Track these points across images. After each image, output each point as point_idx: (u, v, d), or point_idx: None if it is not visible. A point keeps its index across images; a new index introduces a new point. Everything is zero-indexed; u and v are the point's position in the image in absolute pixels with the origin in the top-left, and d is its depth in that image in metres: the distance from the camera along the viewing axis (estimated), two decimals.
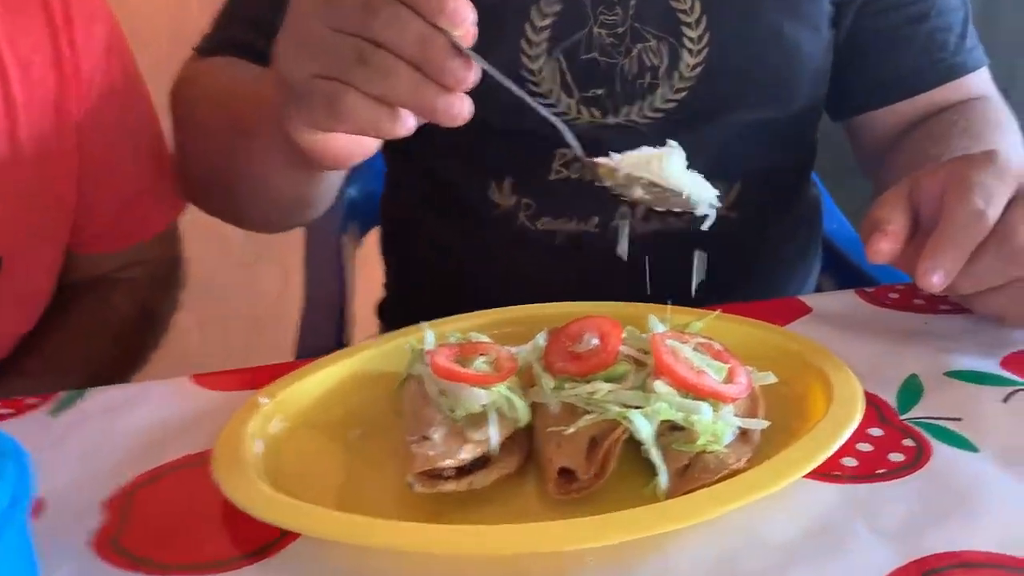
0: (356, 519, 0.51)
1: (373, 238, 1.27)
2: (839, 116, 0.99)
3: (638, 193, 0.63)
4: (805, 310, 0.77)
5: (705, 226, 0.64)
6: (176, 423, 0.66)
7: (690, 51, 0.86)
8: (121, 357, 0.95)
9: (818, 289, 1.10)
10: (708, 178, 0.87)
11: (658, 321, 0.64)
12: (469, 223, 0.96)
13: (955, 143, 0.86)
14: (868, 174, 1.00)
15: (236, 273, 1.95)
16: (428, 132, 0.92)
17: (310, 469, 0.59)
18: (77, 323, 0.92)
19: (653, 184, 0.62)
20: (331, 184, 0.82)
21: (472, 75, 0.56)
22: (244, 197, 0.86)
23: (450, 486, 0.54)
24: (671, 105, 0.87)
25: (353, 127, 0.58)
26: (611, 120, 0.87)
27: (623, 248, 0.69)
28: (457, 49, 0.56)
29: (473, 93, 0.66)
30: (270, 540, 0.53)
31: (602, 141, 0.84)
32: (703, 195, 0.62)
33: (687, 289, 0.93)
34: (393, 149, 1.03)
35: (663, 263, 0.91)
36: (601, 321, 0.63)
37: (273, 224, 0.95)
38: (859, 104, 0.96)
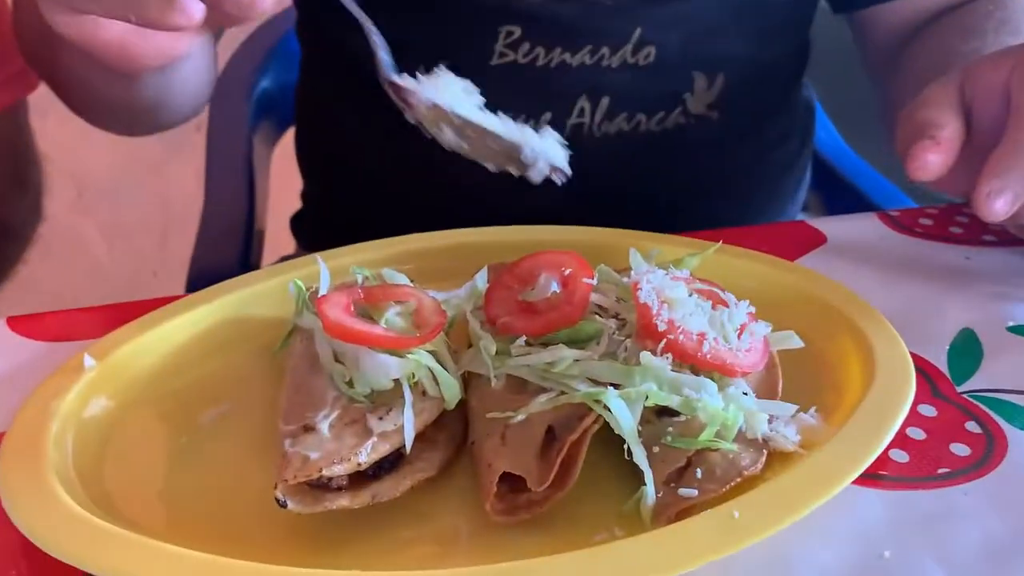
0: (200, 560, 0.34)
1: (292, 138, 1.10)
2: (844, 7, 0.83)
3: (448, 136, 0.49)
4: (818, 239, 0.61)
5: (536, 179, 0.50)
6: None
7: None
8: None
9: (805, 208, 0.95)
10: (686, 66, 0.75)
11: (641, 257, 0.46)
12: (392, 119, 0.78)
13: (992, 38, 0.72)
14: (875, 79, 0.84)
15: (144, 177, 1.76)
16: (345, 9, 0.78)
17: (144, 470, 0.42)
18: None
19: (469, 125, 0.45)
20: (165, 89, 0.70)
21: None
22: (77, 99, 0.76)
23: (342, 502, 0.37)
24: None
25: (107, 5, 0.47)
26: None
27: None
28: None
29: None
30: None
31: (558, 18, 0.71)
32: (547, 151, 0.45)
33: (651, 203, 0.79)
34: (306, 26, 0.87)
35: (627, 172, 0.79)
36: (563, 257, 0.46)
37: (127, 129, 0.85)
38: None
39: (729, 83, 0.76)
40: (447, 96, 0.48)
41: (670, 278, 0.43)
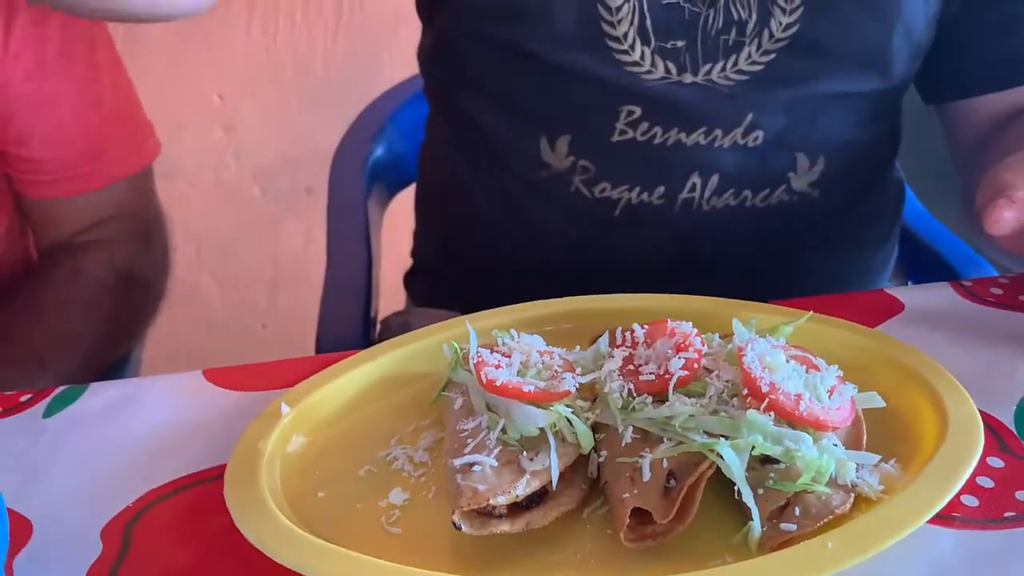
0: (395, 571, 0.43)
1: (402, 204, 1.19)
2: (937, 98, 0.87)
3: None
4: (897, 307, 0.68)
5: None
6: (187, 429, 0.58)
7: (783, 9, 0.76)
8: (106, 327, 0.86)
9: (893, 278, 1.01)
10: (791, 148, 0.82)
11: (743, 327, 0.54)
12: (515, 185, 0.85)
13: None
14: (960, 168, 0.89)
15: (257, 233, 1.88)
16: (474, 75, 0.85)
17: (336, 498, 0.51)
18: (47, 300, 0.84)
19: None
20: None
21: None
22: None
23: (503, 527, 0.46)
24: (757, 68, 0.77)
25: None
26: (688, 79, 0.77)
27: None
28: None
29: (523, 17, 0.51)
30: None
31: (677, 102, 0.79)
32: None
33: (754, 273, 0.86)
34: (435, 91, 0.94)
35: (732, 243, 0.84)
36: (679, 325, 0.54)
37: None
38: (965, 87, 0.84)
39: (829, 164, 0.82)
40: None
41: (770, 346, 0.52)
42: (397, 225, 1.21)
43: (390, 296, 1.13)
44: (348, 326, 1.03)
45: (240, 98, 1.79)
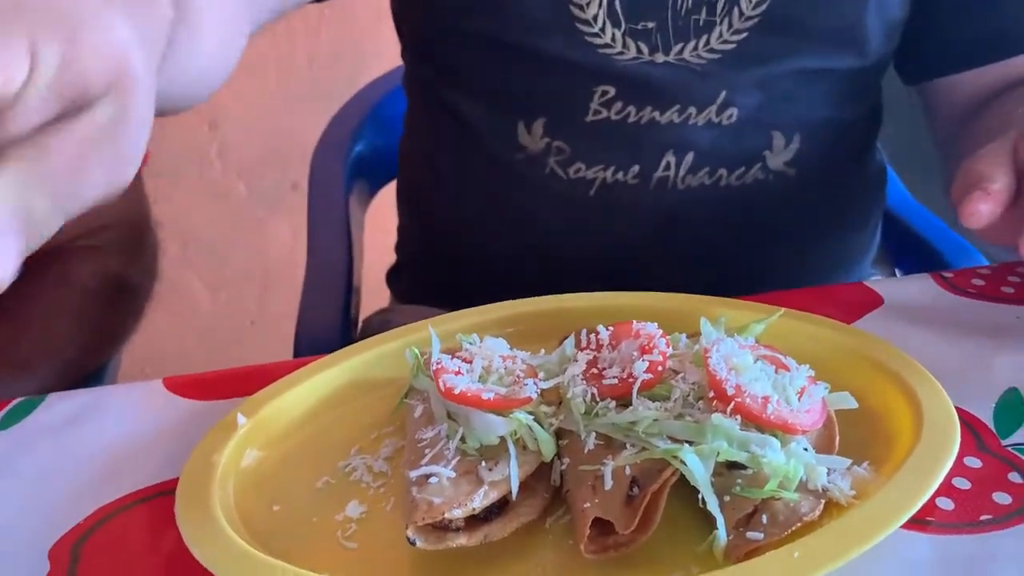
0: None
1: (387, 200, 1.17)
2: (916, 78, 0.86)
3: None
4: (876, 300, 0.66)
5: None
6: (143, 441, 0.57)
7: None
8: (93, 334, 0.85)
9: (879, 267, 1.00)
10: (765, 126, 0.81)
11: (711, 326, 0.53)
12: (492, 170, 0.85)
13: None
14: (943, 148, 0.88)
15: (243, 230, 1.87)
16: (451, 65, 0.85)
17: (291, 511, 0.49)
18: (34, 306, 0.82)
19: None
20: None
21: None
22: None
23: (460, 540, 0.44)
24: (729, 46, 0.76)
25: None
26: (660, 58, 0.77)
27: None
28: None
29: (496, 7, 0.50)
30: None
31: (650, 81, 0.78)
32: None
33: (730, 255, 0.84)
34: (413, 81, 0.93)
35: (708, 223, 0.84)
36: (643, 327, 0.52)
37: None
38: (944, 64, 0.83)
39: (805, 143, 0.81)
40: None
41: (737, 346, 0.50)
42: (382, 222, 1.20)
43: (376, 293, 1.12)
44: (327, 327, 1.02)
45: (223, 93, 1.78)
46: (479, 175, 0.87)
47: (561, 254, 0.85)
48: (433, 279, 0.99)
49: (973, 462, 0.50)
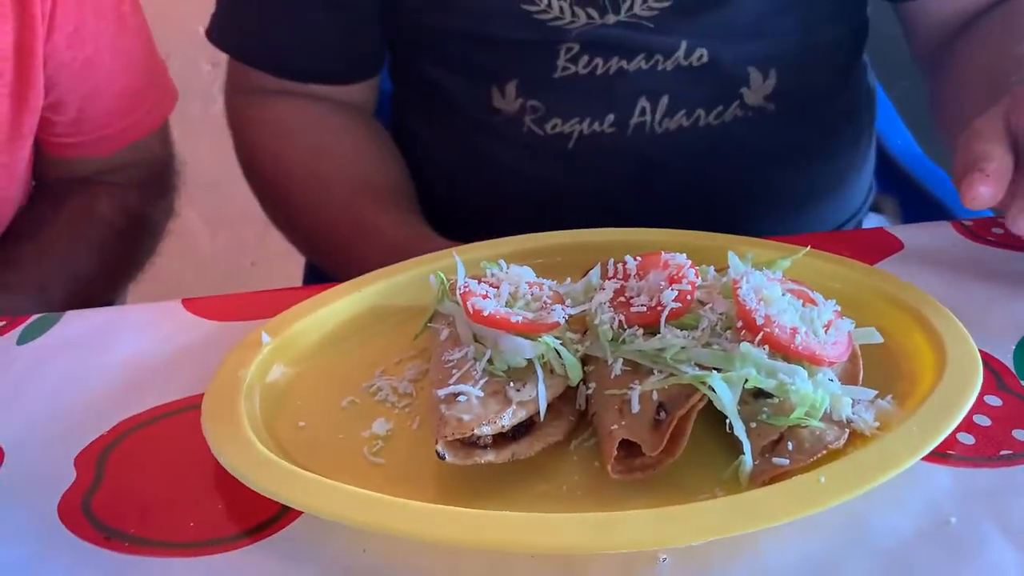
0: (377, 500, 0.41)
1: None
2: None
3: None
4: (896, 245, 0.67)
5: None
6: (164, 358, 0.57)
7: None
8: (111, 268, 0.87)
9: (875, 209, 0.99)
10: (739, 63, 0.80)
11: (739, 259, 0.53)
12: (474, 134, 0.87)
13: None
14: (925, 68, 0.87)
15: None
16: (427, 41, 0.85)
17: (318, 428, 0.50)
18: (58, 233, 0.83)
19: None
20: None
21: None
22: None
23: (488, 457, 0.45)
24: None
25: None
26: (612, 19, 0.77)
27: None
28: None
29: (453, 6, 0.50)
30: (270, 516, 0.44)
31: (607, 43, 0.78)
32: None
33: (718, 195, 0.84)
34: (396, 61, 0.94)
35: (691, 163, 0.83)
36: (672, 257, 0.52)
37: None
38: None
39: (783, 74, 0.80)
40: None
41: (766, 279, 0.50)
42: None
43: None
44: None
45: None
46: (461, 139, 0.88)
47: (548, 203, 0.85)
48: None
49: (993, 400, 0.51)
